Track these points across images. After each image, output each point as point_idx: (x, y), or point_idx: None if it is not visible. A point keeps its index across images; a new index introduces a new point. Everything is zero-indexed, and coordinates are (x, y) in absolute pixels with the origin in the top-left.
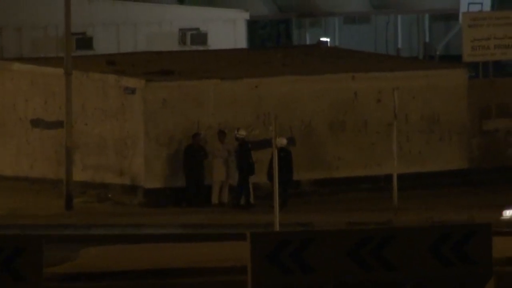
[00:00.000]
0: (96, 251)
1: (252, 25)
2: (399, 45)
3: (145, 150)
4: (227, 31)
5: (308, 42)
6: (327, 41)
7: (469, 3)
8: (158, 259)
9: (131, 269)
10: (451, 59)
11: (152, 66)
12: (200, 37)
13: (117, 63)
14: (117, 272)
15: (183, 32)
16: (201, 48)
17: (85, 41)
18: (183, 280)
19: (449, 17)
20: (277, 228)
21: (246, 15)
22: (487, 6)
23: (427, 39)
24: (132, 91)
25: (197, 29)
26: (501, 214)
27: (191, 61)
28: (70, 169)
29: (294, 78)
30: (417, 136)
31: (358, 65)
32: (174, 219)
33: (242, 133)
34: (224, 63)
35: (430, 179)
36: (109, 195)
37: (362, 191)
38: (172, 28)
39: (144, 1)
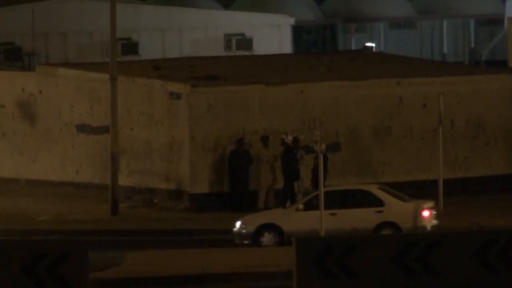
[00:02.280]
0: (141, 256)
1: (298, 30)
2: (445, 50)
3: (190, 155)
4: (273, 36)
5: (353, 47)
6: (372, 46)
7: None
8: (203, 265)
9: (175, 274)
10: (497, 64)
11: (198, 71)
12: (245, 42)
13: (162, 68)
14: (162, 277)
15: (228, 37)
16: (246, 53)
17: (130, 47)
18: (227, 285)
19: (494, 22)
20: (322, 233)
21: (292, 21)
22: None
23: (472, 44)
24: (178, 96)
25: (243, 34)
26: None
27: (236, 66)
28: (116, 174)
29: (339, 83)
30: (463, 141)
31: (404, 70)
32: (219, 224)
33: (290, 138)
34: (269, 68)
35: (476, 184)
36: (155, 200)
37: (407, 197)
38: (217, 33)
39: (189, 6)
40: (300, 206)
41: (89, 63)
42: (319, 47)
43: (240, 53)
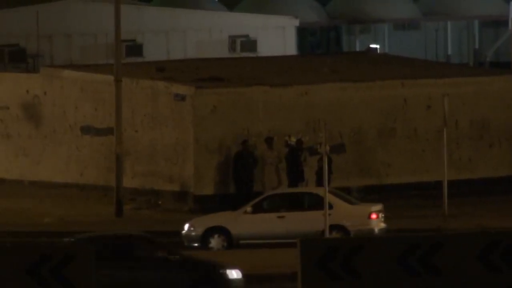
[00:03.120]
0: None
1: (302, 32)
2: (449, 52)
3: (194, 157)
4: (277, 38)
5: (357, 48)
6: (376, 48)
7: None
8: None
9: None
10: (501, 66)
11: (202, 73)
12: (249, 44)
13: (167, 70)
14: None
15: (232, 39)
16: (250, 55)
17: (134, 48)
18: None
19: (499, 23)
20: (327, 235)
21: (296, 22)
22: None
23: (476, 46)
24: (182, 98)
25: (247, 36)
26: None
27: (241, 68)
28: (120, 176)
29: (343, 85)
30: (467, 142)
31: (408, 71)
32: None
33: (293, 139)
34: (273, 70)
35: (480, 186)
36: (159, 202)
37: (411, 198)
38: (221, 35)
39: (193, 8)
40: (249, 209)
41: (93, 64)
42: (323, 49)
43: (244, 54)
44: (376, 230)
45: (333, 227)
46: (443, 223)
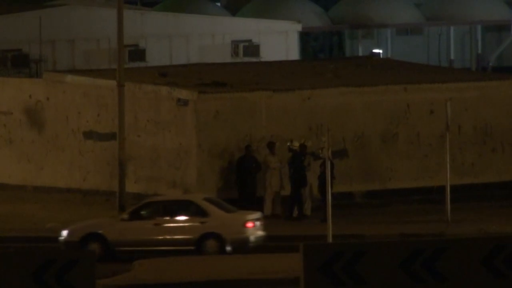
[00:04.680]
0: (149, 263)
1: (305, 37)
2: (452, 57)
3: (197, 162)
4: (280, 43)
5: (360, 53)
6: (379, 53)
7: None
8: (210, 271)
9: (182, 281)
10: (504, 70)
11: (205, 78)
12: (252, 49)
13: (170, 75)
14: (169, 284)
15: (235, 44)
16: (253, 59)
17: (137, 53)
18: None
19: (501, 28)
20: (329, 240)
21: (299, 27)
22: None
23: (479, 51)
24: (185, 103)
25: (250, 41)
26: None
27: (244, 73)
28: (123, 181)
29: (346, 90)
30: (470, 147)
31: (411, 76)
32: None
33: (296, 144)
34: (276, 75)
35: (483, 191)
36: None
37: (414, 203)
38: (224, 40)
39: (196, 13)
40: (125, 215)
41: (96, 69)
42: (326, 54)
43: (247, 59)
44: (252, 238)
45: (208, 235)
46: (446, 228)
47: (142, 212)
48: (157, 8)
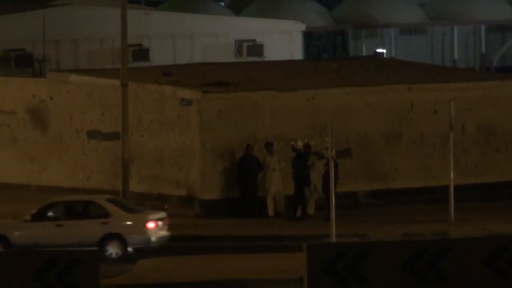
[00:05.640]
0: (152, 262)
1: (308, 37)
2: (455, 56)
3: (201, 162)
4: (283, 42)
5: (364, 53)
6: (383, 52)
7: None
8: (214, 271)
9: (186, 281)
10: (508, 70)
11: (208, 77)
12: (256, 48)
13: (173, 75)
14: (172, 283)
15: (239, 43)
16: (257, 59)
17: (141, 53)
18: None
19: (505, 28)
20: (333, 239)
21: (302, 27)
22: None
23: (483, 50)
24: (188, 102)
25: (253, 40)
26: None
27: (247, 72)
28: (127, 181)
29: (350, 90)
30: (474, 147)
31: (414, 76)
32: (230, 231)
33: (300, 144)
34: (280, 75)
35: (487, 191)
36: (166, 207)
37: (418, 203)
38: (228, 40)
39: (200, 12)
40: (28, 217)
41: (100, 69)
42: (329, 53)
43: (251, 59)
44: (154, 238)
45: (110, 236)
46: (449, 228)
47: (45, 213)
48: (161, 8)
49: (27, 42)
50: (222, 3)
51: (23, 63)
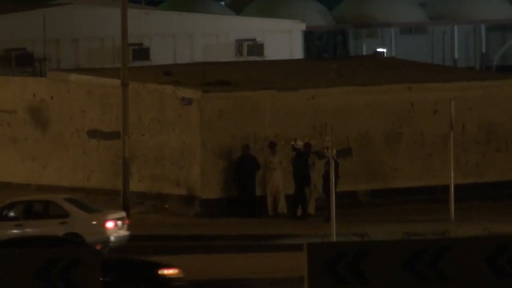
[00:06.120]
0: None
1: (309, 36)
2: (456, 56)
3: (201, 161)
4: (284, 42)
5: (364, 52)
6: (383, 52)
7: None
8: (214, 270)
9: (187, 280)
10: (508, 70)
11: (209, 77)
12: (256, 48)
13: (174, 74)
14: None
15: (239, 43)
16: (257, 58)
17: (141, 52)
18: None
19: (505, 27)
20: (333, 239)
21: (303, 26)
22: None
23: (483, 50)
24: (189, 102)
25: (254, 39)
26: None
27: (248, 72)
28: (127, 180)
29: (350, 89)
30: (474, 146)
31: (415, 75)
32: (230, 230)
33: (300, 143)
34: (280, 74)
35: (487, 190)
36: (166, 206)
37: (418, 202)
38: (228, 39)
39: (200, 12)
40: None
41: (100, 68)
42: (330, 53)
43: (251, 58)
44: (113, 238)
45: (68, 236)
46: (449, 228)
47: (5, 213)
48: (161, 7)
49: (27, 42)
50: (223, 3)
51: (23, 62)
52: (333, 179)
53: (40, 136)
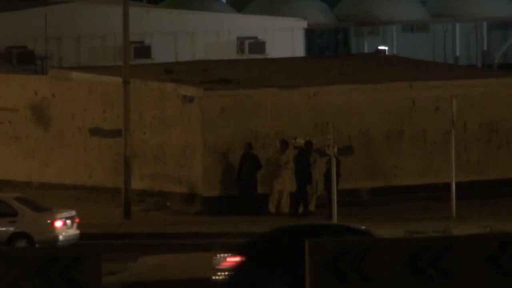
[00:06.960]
0: (154, 260)
1: (310, 34)
2: (457, 53)
3: (203, 159)
4: (285, 39)
5: (366, 50)
6: (385, 50)
7: None
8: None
9: (188, 278)
10: (510, 67)
11: (210, 75)
12: (258, 45)
13: (175, 72)
14: (174, 281)
15: (241, 40)
16: (259, 56)
17: (143, 50)
18: None
19: (507, 25)
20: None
21: (304, 24)
22: None
23: (485, 47)
24: (190, 99)
25: (255, 37)
26: None
27: (249, 69)
28: (129, 178)
29: (352, 87)
30: (475, 144)
31: (416, 73)
32: (231, 228)
33: (300, 141)
34: (282, 72)
35: (489, 188)
36: (167, 204)
37: (420, 200)
38: (230, 37)
39: (202, 10)
40: None
41: (101, 66)
42: (331, 51)
43: (252, 56)
44: (61, 237)
45: (17, 235)
46: (451, 225)
47: None
48: (163, 5)
49: (29, 39)
50: (224, 0)
51: (25, 60)
52: (335, 177)
53: (41, 134)
